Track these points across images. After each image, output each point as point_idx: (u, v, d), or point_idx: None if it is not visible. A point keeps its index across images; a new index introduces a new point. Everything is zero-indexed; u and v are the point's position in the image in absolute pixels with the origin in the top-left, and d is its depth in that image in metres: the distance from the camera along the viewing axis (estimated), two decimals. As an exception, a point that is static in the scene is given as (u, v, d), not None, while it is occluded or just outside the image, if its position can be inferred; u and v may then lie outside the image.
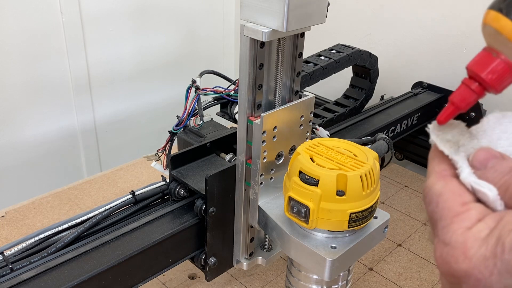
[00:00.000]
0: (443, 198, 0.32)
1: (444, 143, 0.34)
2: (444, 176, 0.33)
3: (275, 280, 0.91)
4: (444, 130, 0.35)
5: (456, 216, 0.31)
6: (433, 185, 0.33)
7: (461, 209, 0.31)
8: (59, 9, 1.31)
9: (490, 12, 0.33)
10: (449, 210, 0.31)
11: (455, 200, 0.31)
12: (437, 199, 0.32)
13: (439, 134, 0.35)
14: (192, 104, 0.85)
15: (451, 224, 0.30)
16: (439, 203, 0.32)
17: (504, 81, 0.34)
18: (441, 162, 0.34)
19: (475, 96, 0.35)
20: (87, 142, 1.49)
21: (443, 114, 0.36)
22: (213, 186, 0.69)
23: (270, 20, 0.57)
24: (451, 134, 0.35)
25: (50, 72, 1.35)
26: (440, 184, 0.33)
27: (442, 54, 1.26)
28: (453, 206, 0.31)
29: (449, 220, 0.31)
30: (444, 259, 0.30)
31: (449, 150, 0.34)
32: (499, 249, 0.27)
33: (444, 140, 0.35)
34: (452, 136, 0.35)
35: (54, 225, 0.71)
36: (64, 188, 1.13)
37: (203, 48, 1.71)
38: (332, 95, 1.23)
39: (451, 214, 0.31)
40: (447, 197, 0.32)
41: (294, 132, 0.68)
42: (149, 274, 0.70)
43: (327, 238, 0.57)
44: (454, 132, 0.35)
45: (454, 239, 0.30)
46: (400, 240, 1.03)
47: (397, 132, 1.12)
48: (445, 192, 0.32)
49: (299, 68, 0.68)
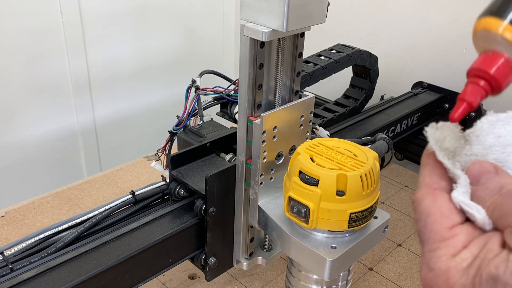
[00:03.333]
0: (431, 219, 0.32)
1: (443, 153, 0.34)
2: (434, 191, 0.33)
3: (275, 280, 0.91)
4: (442, 133, 0.35)
5: (442, 241, 0.31)
6: (422, 200, 0.33)
7: (447, 234, 0.31)
8: (59, 9, 1.31)
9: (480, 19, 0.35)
10: (435, 233, 0.31)
11: (442, 222, 0.31)
12: (425, 219, 0.32)
13: (438, 140, 0.34)
14: (192, 104, 0.85)
15: (437, 250, 0.31)
16: (427, 224, 0.32)
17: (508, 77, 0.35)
18: (432, 173, 0.34)
19: (484, 93, 0.35)
20: (87, 142, 1.49)
21: (456, 112, 0.36)
22: (213, 186, 0.69)
23: (270, 20, 0.57)
24: (449, 139, 0.35)
25: (50, 72, 1.35)
26: (429, 201, 0.32)
27: (442, 54, 1.25)
28: (440, 230, 0.31)
29: (435, 245, 0.31)
30: (428, 283, 0.31)
31: (448, 163, 0.33)
32: (477, 280, 0.28)
33: (442, 148, 0.34)
34: (450, 142, 0.35)
35: (54, 225, 0.71)
36: (64, 188, 1.13)
37: (203, 48, 1.71)
38: (332, 95, 1.23)
39: (437, 238, 0.31)
40: (435, 219, 0.32)
41: (294, 132, 0.68)
42: (149, 274, 0.70)
43: (327, 238, 0.57)
44: (452, 137, 0.35)
45: (438, 266, 0.30)
46: (400, 240, 1.03)
47: (397, 132, 1.11)
48: (433, 212, 0.32)
49: (299, 68, 0.68)
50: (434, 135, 0.35)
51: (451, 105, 1.19)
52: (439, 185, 0.33)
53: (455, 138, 0.35)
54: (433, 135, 0.35)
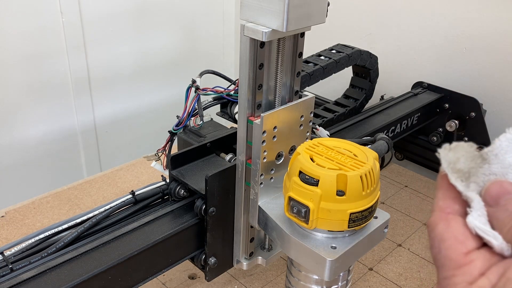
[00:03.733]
0: (445, 244, 0.31)
1: (456, 175, 0.33)
2: (447, 215, 0.32)
3: (275, 280, 0.91)
4: (456, 154, 0.34)
5: (458, 268, 0.30)
6: (436, 225, 0.32)
7: (463, 260, 0.30)
8: (59, 9, 1.31)
9: None
10: (450, 260, 0.30)
11: (457, 249, 0.30)
12: (439, 245, 0.31)
13: (450, 162, 0.34)
14: (192, 104, 0.85)
15: (453, 277, 0.30)
16: (441, 250, 0.31)
17: None
18: (446, 196, 0.33)
19: None
20: (87, 142, 1.49)
21: None
22: (213, 186, 0.69)
23: (270, 20, 0.57)
24: (463, 160, 0.34)
25: (50, 72, 1.35)
26: (443, 226, 0.31)
27: (442, 54, 1.25)
28: (455, 256, 0.30)
29: (451, 272, 0.30)
30: None
31: (461, 185, 0.32)
32: None
33: (455, 170, 0.33)
34: (464, 163, 0.33)
35: (54, 225, 0.71)
36: (64, 188, 1.13)
37: (203, 48, 1.71)
38: (332, 95, 1.23)
39: (453, 265, 0.30)
40: (449, 244, 0.31)
41: (294, 132, 0.68)
42: (149, 274, 0.70)
43: (327, 238, 0.57)
44: (466, 157, 0.34)
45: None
46: (400, 240, 1.03)
47: (397, 132, 1.12)
48: (447, 238, 0.31)
49: (299, 68, 0.68)
50: (447, 156, 0.34)
51: (451, 105, 1.19)
52: (452, 209, 0.32)
53: (470, 158, 0.34)
54: (446, 157, 0.34)
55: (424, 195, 1.19)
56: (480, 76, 1.20)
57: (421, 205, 1.15)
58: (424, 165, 1.27)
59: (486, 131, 1.15)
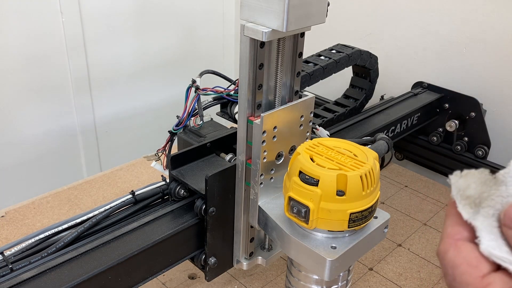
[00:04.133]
0: (459, 271, 0.30)
1: (464, 202, 0.33)
2: (457, 241, 0.31)
3: (275, 280, 0.91)
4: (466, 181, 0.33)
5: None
6: (446, 252, 0.31)
7: (481, 284, 0.29)
8: (59, 9, 1.31)
9: None
10: (468, 285, 0.29)
11: (472, 273, 0.30)
12: (453, 272, 0.30)
13: (460, 188, 0.33)
14: (192, 104, 0.85)
15: None
16: (455, 276, 0.30)
17: None
18: (455, 223, 0.32)
19: None
20: (87, 142, 1.49)
21: None
22: (213, 186, 0.69)
23: (270, 20, 0.57)
24: (474, 186, 0.33)
25: (50, 72, 1.34)
26: (453, 253, 0.31)
27: (442, 54, 1.25)
28: (471, 280, 0.29)
29: None
30: None
31: (468, 213, 0.32)
32: None
33: (464, 197, 0.33)
34: (475, 189, 0.33)
35: (54, 225, 0.71)
36: (64, 188, 1.13)
37: (203, 48, 1.71)
38: (332, 95, 1.23)
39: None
40: (464, 270, 0.30)
41: (294, 132, 0.68)
42: (149, 274, 0.70)
43: (327, 238, 0.57)
44: (477, 183, 0.33)
45: None
46: (400, 240, 1.03)
47: (397, 132, 1.12)
48: (460, 264, 0.30)
49: (299, 68, 0.68)
50: (457, 183, 0.33)
51: (451, 105, 1.19)
52: (461, 235, 0.32)
53: (481, 183, 0.33)
54: (456, 183, 0.33)
55: (424, 195, 1.19)
56: (480, 76, 1.20)
57: (421, 205, 1.15)
58: (424, 165, 1.27)
59: (486, 131, 1.15)
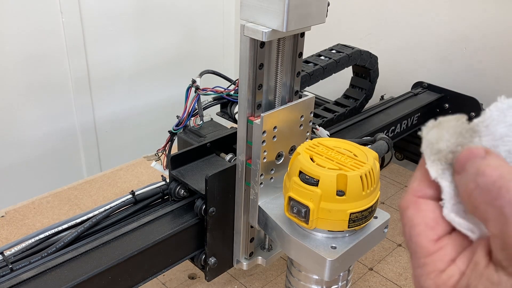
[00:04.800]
0: (416, 231, 0.30)
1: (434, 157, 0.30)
2: (418, 199, 0.30)
3: (275, 280, 0.91)
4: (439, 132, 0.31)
5: (428, 256, 0.29)
6: (406, 208, 0.31)
7: (433, 248, 0.29)
8: (59, 9, 1.31)
9: None
10: (421, 247, 0.29)
11: (427, 235, 0.29)
12: (409, 231, 0.30)
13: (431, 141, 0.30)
14: (192, 104, 0.85)
15: (424, 266, 0.29)
16: (411, 236, 0.30)
17: None
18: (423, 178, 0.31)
19: None
20: (87, 142, 1.49)
21: None
22: (213, 186, 0.69)
23: (270, 20, 0.57)
24: (447, 137, 0.30)
25: (50, 72, 1.35)
26: (412, 211, 0.30)
27: (442, 54, 1.25)
28: (425, 243, 0.29)
29: (422, 260, 0.29)
30: None
31: (436, 171, 0.30)
32: None
33: (435, 151, 0.30)
34: (448, 141, 0.30)
35: (54, 225, 0.71)
36: (64, 188, 1.13)
37: (203, 48, 1.71)
38: (332, 95, 1.23)
39: (424, 253, 0.29)
40: (419, 231, 0.30)
41: (294, 132, 0.68)
42: (149, 274, 0.70)
43: (327, 238, 0.57)
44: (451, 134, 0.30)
45: (427, 284, 0.29)
46: (400, 240, 1.03)
47: (397, 132, 1.12)
48: (417, 224, 0.30)
49: (299, 68, 0.68)
50: (428, 135, 0.31)
51: (451, 105, 1.19)
52: (424, 193, 0.31)
53: (457, 133, 0.30)
54: (427, 135, 0.31)
55: (424, 195, 1.19)
56: (480, 76, 1.20)
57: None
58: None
59: (486, 131, 1.15)
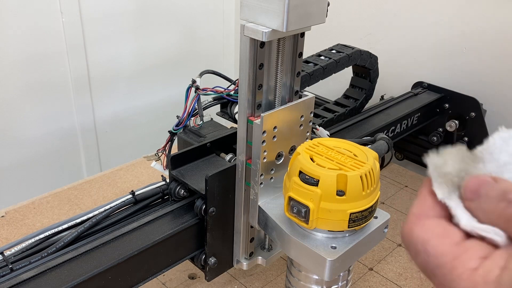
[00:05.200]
0: (431, 244, 0.29)
1: (441, 179, 0.32)
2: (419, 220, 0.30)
3: (275, 280, 0.91)
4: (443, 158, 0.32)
5: (455, 259, 0.28)
6: (411, 230, 0.30)
7: (457, 251, 0.28)
8: (59, 9, 1.31)
9: None
10: (444, 255, 0.28)
11: (445, 243, 0.29)
12: (424, 248, 0.29)
13: (437, 165, 0.32)
14: (192, 104, 0.85)
15: (454, 269, 0.27)
16: (428, 251, 0.29)
17: None
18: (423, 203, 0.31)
19: None
20: (87, 142, 1.49)
21: None
22: (213, 186, 0.69)
23: (270, 20, 0.57)
24: (451, 163, 0.32)
25: (50, 72, 1.35)
26: (419, 229, 0.30)
27: (442, 54, 1.25)
28: (447, 249, 0.28)
29: (450, 265, 0.28)
30: None
31: (443, 193, 0.31)
32: None
33: (442, 174, 0.32)
34: (452, 166, 0.32)
35: (54, 225, 0.71)
36: (64, 188, 1.13)
37: (203, 48, 1.71)
38: (332, 95, 1.23)
39: (449, 258, 0.28)
40: (435, 243, 0.29)
41: (294, 132, 0.68)
42: (149, 274, 0.70)
43: (327, 238, 0.57)
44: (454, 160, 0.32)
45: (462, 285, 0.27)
46: (400, 240, 1.03)
47: (397, 132, 1.11)
48: (430, 238, 0.29)
49: (299, 68, 0.68)
50: (434, 160, 0.32)
51: (451, 105, 1.19)
52: (425, 214, 0.31)
53: (459, 159, 0.32)
54: (433, 161, 0.32)
55: (424, 195, 1.19)
56: (480, 76, 1.20)
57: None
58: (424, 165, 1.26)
59: (486, 131, 1.15)
